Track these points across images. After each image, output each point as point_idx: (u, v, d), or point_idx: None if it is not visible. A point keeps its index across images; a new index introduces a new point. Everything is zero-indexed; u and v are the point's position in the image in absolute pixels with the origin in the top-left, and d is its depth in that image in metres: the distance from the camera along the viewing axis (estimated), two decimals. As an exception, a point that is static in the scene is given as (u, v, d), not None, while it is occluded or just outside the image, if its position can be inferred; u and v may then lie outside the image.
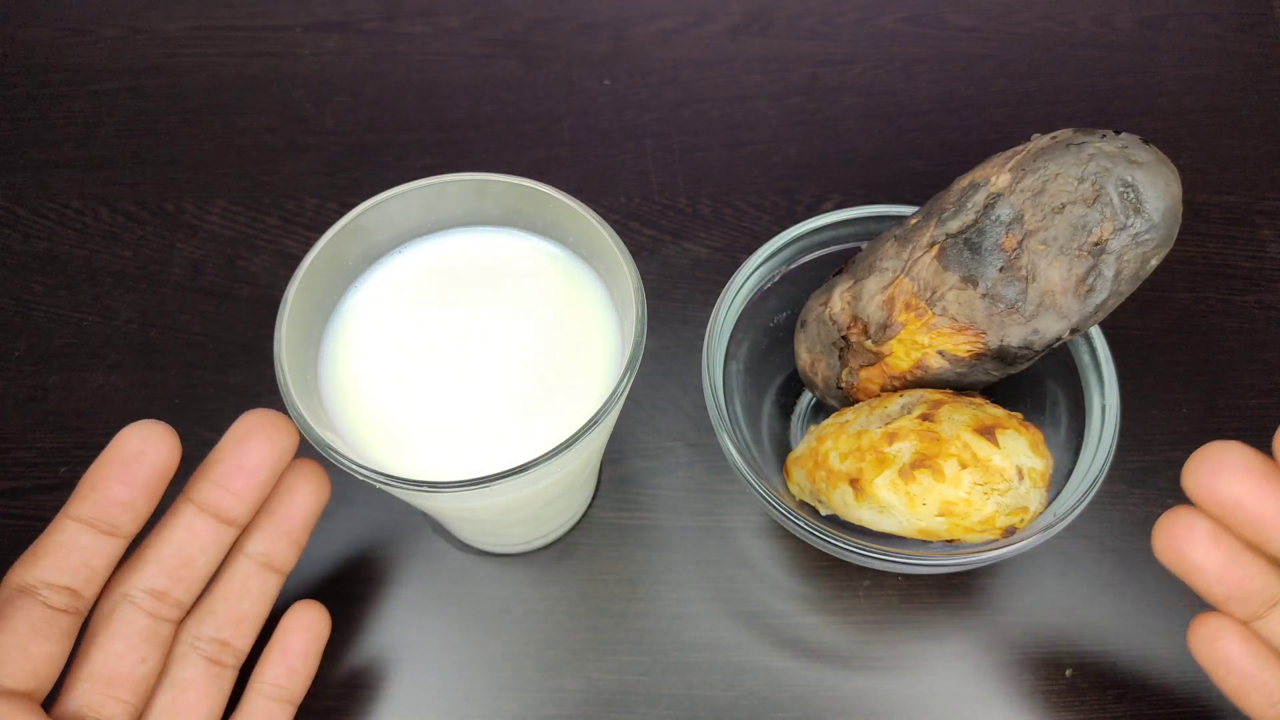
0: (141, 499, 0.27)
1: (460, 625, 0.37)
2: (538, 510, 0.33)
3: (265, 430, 0.29)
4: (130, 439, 0.27)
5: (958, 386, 0.33)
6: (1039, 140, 0.30)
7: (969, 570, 0.34)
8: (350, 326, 0.30)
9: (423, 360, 0.30)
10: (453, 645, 0.37)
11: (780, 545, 0.39)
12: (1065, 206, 0.28)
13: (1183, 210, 0.28)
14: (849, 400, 0.36)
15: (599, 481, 0.40)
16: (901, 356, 0.33)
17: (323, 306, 0.30)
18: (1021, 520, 0.31)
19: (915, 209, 0.34)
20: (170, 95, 0.51)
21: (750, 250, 0.36)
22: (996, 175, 0.30)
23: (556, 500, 0.33)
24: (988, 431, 0.30)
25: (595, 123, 0.50)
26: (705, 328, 0.35)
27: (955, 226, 0.30)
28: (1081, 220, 0.28)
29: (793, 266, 0.37)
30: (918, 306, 0.31)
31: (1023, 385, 0.35)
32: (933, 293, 0.31)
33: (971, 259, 0.30)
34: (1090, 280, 0.29)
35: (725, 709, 0.36)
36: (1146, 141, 0.28)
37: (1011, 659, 0.37)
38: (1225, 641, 0.29)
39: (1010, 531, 0.30)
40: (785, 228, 0.36)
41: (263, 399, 0.30)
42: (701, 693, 0.36)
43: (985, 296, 0.30)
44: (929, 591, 0.38)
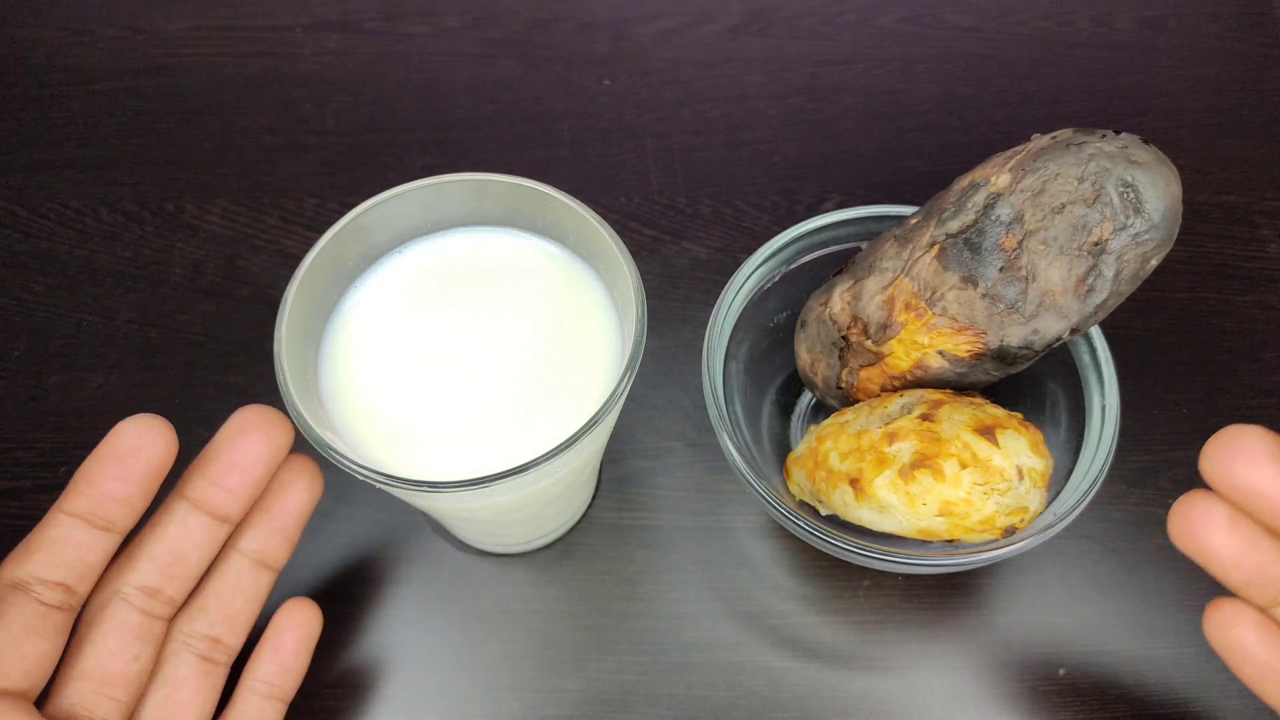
0: (137, 494, 0.26)
1: (460, 625, 0.37)
2: (538, 510, 0.33)
3: (260, 426, 0.28)
4: (126, 433, 0.26)
5: (958, 386, 0.33)
6: (1039, 140, 0.30)
7: (969, 570, 0.34)
8: (350, 326, 0.30)
9: (423, 360, 0.30)
10: (453, 645, 0.37)
11: (780, 545, 0.39)
12: (1065, 206, 0.28)
13: (1183, 210, 0.28)
14: (849, 400, 0.36)
15: (599, 481, 0.40)
16: (901, 356, 0.33)
17: (323, 306, 0.30)
18: (1021, 520, 0.30)
19: (915, 209, 0.34)
20: (170, 95, 0.51)
21: (750, 250, 0.36)
22: (996, 175, 0.30)
23: (556, 500, 0.33)
24: (988, 431, 0.30)
25: (595, 123, 0.50)
26: (705, 328, 0.35)
27: (955, 226, 0.30)
28: (1081, 220, 0.28)
29: (793, 266, 0.37)
30: (918, 306, 0.31)
31: (1023, 385, 0.35)
32: (933, 293, 0.31)
33: (971, 259, 0.30)
34: (1090, 280, 0.29)
35: (725, 709, 0.36)
36: (1146, 141, 0.28)
37: (1011, 659, 0.37)
38: (1240, 630, 0.28)
39: (1010, 531, 0.30)
40: (785, 228, 0.36)
41: (262, 399, 0.29)
42: (701, 693, 0.36)
43: (985, 296, 0.30)
44: (929, 591, 0.38)
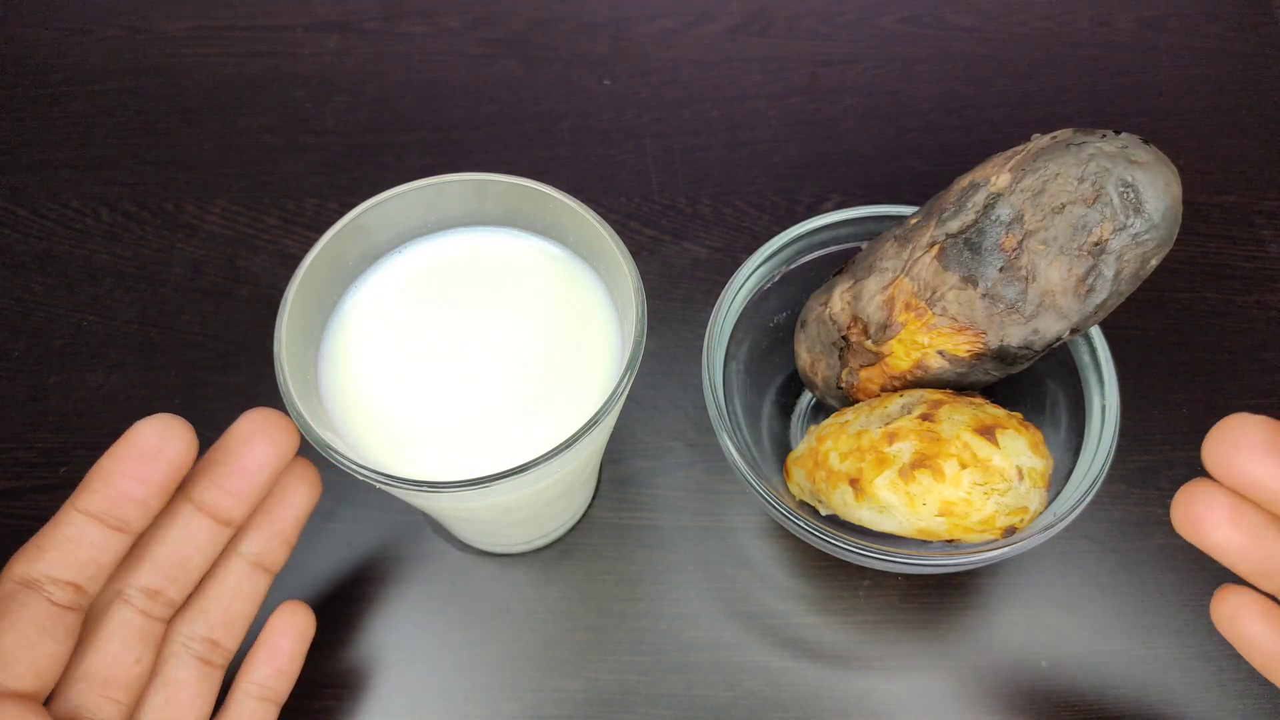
0: (155, 496, 0.26)
1: (460, 625, 0.37)
2: (538, 510, 0.33)
3: (268, 431, 0.28)
4: (147, 433, 0.26)
5: (958, 386, 0.33)
6: (1039, 140, 0.30)
7: (969, 570, 0.34)
8: (350, 326, 0.30)
9: (423, 360, 0.30)
10: (453, 645, 0.37)
11: (780, 545, 0.39)
12: (1065, 206, 0.28)
13: (1183, 210, 0.28)
14: (849, 400, 0.36)
15: (599, 481, 0.40)
16: (901, 356, 0.33)
17: (323, 306, 0.30)
18: (1021, 520, 0.30)
19: (915, 209, 0.34)
20: (170, 95, 0.51)
21: (750, 250, 0.36)
22: (996, 175, 0.30)
23: (556, 500, 0.33)
24: (988, 431, 0.30)
25: (595, 123, 0.50)
26: (705, 328, 0.35)
27: (955, 226, 0.30)
28: (1081, 220, 0.28)
29: (793, 266, 0.37)
30: (918, 306, 0.31)
31: (1023, 385, 0.35)
32: (933, 293, 0.31)
33: (971, 259, 0.30)
34: (1090, 280, 0.29)
35: (725, 709, 0.36)
36: (1146, 141, 0.28)
37: (1011, 659, 0.37)
38: (1246, 620, 0.27)
39: (1010, 531, 0.30)
40: (785, 228, 0.36)
41: (263, 399, 0.29)
42: (701, 693, 0.36)
43: (985, 296, 0.30)
44: (929, 591, 0.38)
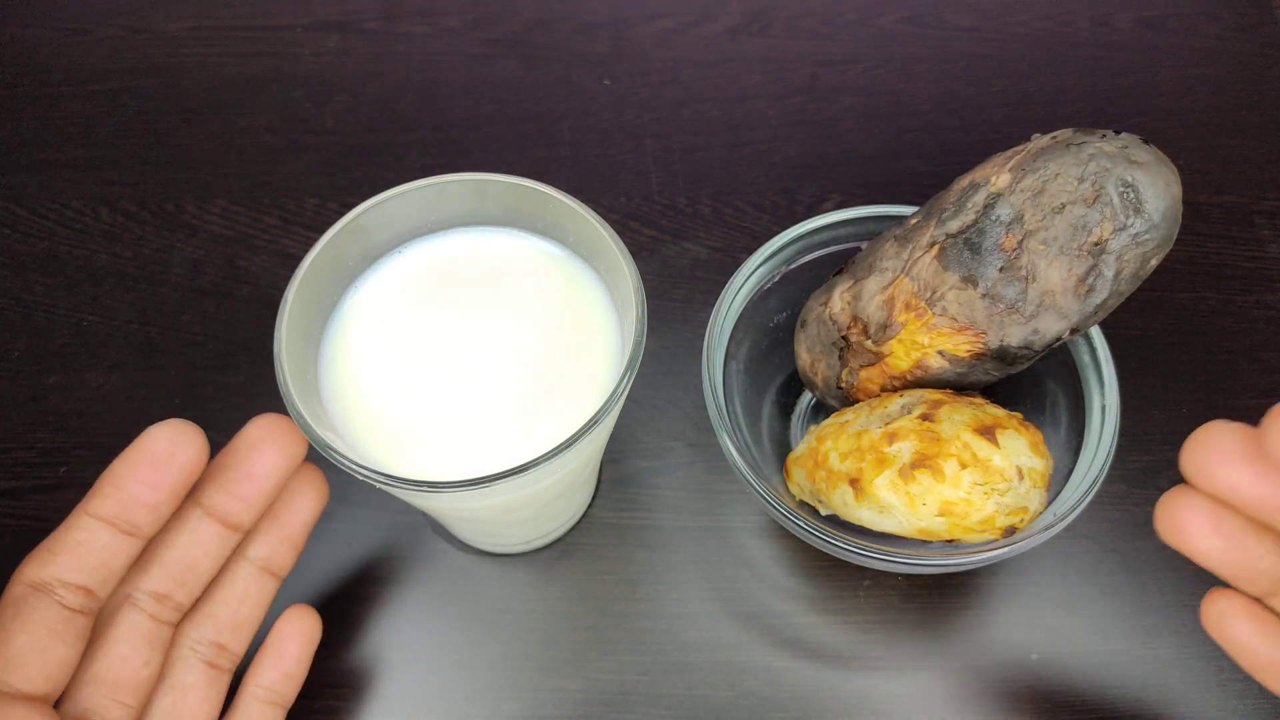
0: (166, 501, 0.26)
1: (460, 625, 0.37)
2: (538, 510, 0.33)
3: (277, 438, 0.28)
4: (159, 439, 0.26)
5: (958, 386, 0.33)
6: (1039, 140, 0.30)
7: (969, 570, 0.34)
8: (350, 326, 0.30)
9: (423, 360, 0.30)
10: (453, 645, 0.37)
11: (780, 545, 0.39)
12: (1065, 206, 0.28)
13: (1183, 210, 0.28)
14: (849, 400, 0.36)
15: (599, 481, 0.40)
16: (901, 356, 0.33)
17: (323, 306, 0.30)
18: (1021, 520, 0.30)
19: (915, 209, 0.34)
20: (170, 95, 0.51)
21: (750, 250, 0.36)
22: (996, 175, 0.30)
23: (556, 500, 0.33)
24: (988, 431, 0.30)
25: (595, 123, 0.50)
26: (705, 328, 0.35)
27: (955, 226, 0.30)
28: (1081, 220, 0.28)
29: (793, 266, 0.37)
30: (918, 306, 0.31)
31: (1023, 385, 0.35)
32: (933, 293, 0.31)
33: (971, 259, 0.30)
34: (1090, 280, 0.29)
35: (725, 709, 0.36)
36: (1146, 141, 0.28)
37: (1011, 659, 0.37)
38: (1234, 624, 0.28)
39: (1010, 531, 0.30)
40: (785, 228, 0.36)
41: (263, 399, 0.29)
42: (701, 693, 0.36)
43: (985, 296, 0.30)
44: (929, 591, 0.38)
